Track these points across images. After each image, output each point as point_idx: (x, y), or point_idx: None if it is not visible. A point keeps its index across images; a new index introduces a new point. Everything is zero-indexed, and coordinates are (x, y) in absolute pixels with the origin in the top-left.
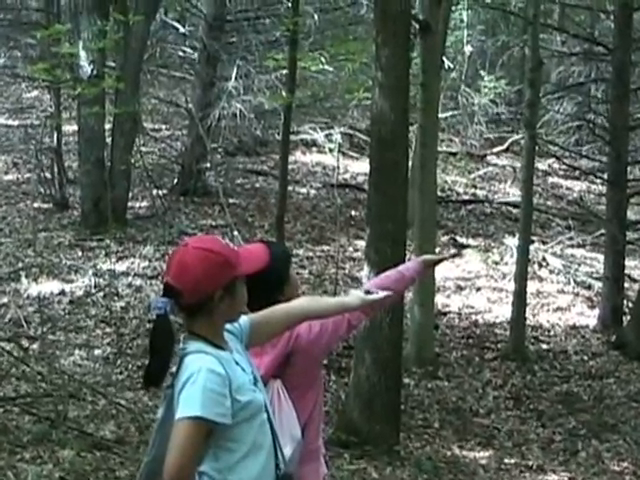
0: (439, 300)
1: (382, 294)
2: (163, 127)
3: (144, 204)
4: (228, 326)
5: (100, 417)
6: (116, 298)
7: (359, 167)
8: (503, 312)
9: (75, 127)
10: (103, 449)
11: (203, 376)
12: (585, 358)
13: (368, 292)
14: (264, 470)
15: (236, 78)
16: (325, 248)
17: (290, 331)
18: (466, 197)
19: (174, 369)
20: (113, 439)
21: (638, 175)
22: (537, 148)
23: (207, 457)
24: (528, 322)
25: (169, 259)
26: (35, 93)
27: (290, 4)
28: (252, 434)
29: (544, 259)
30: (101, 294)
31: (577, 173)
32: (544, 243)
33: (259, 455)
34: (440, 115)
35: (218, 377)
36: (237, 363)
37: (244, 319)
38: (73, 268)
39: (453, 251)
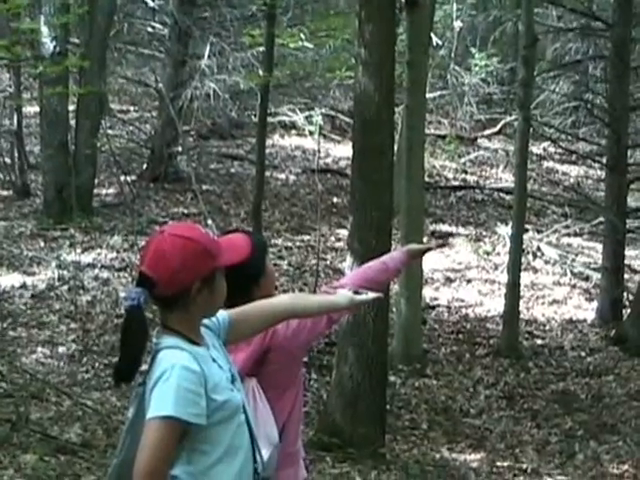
0: (427, 293)
1: (372, 295)
2: (131, 109)
3: (111, 191)
4: (205, 320)
5: (65, 419)
6: (81, 292)
7: (341, 151)
8: (495, 305)
9: (37, 108)
10: (68, 453)
11: (177, 373)
12: (582, 354)
13: (357, 292)
14: (240, 475)
15: (209, 56)
16: (305, 238)
17: None
18: (456, 183)
19: (145, 366)
20: (79, 442)
21: (639, 159)
22: (531, 130)
23: (180, 460)
24: (522, 316)
25: (144, 247)
26: None
27: None
28: (228, 436)
29: (539, 249)
30: (65, 287)
31: (574, 157)
32: (539, 232)
33: (235, 459)
34: (428, 95)
35: (193, 375)
36: (214, 360)
37: (222, 314)
38: (35, 260)
39: (441, 240)
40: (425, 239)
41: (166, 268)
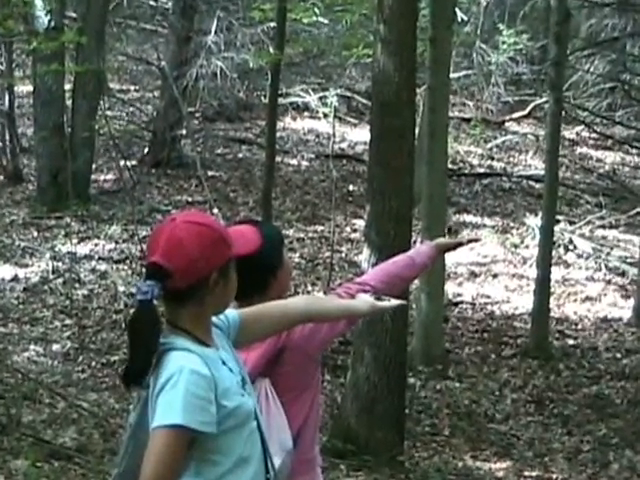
0: (450, 288)
1: (395, 302)
2: (132, 88)
3: (110, 177)
4: (214, 319)
5: (59, 422)
6: (77, 285)
7: (358, 135)
8: (523, 302)
9: (30, 87)
10: (62, 459)
11: (185, 378)
12: (618, 356)
13: (379, 298)
14: None
15: (216, 32)
16: (318, 228)
17: None
18: (481, 170)
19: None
20: (74, 447)
21: None
22: (563, 113)
23: (188, 471)
24: (552, 314)
25: (152, 237)
26: None
27: None
28: (240, 445)
29: (571, 241)
30: (60, 280)
31: (609, 142)
32: (571, 223)
33: (247, 469)
34: (452, 75)
35: (202, 379)
36: (224, 362)
37: (232, 313)
38: (28, 251)
39: (473, 235)
40: (447, 230)
41: (183, 257)
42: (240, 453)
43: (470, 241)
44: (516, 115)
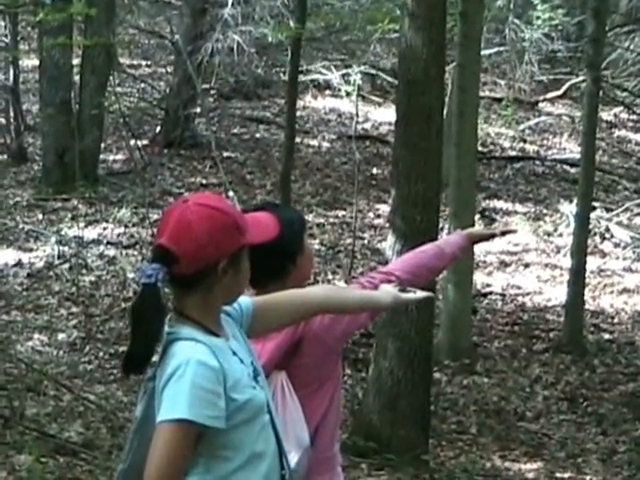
0: (478, 278)
1: (420, 294)
2: (143, 63)
3: (119, 157)
4: (227, 307)
5: (64, 415)
6: (84, 271)
7: (382, 115)
8: (556, 294)
9: (36, 62)
10: (68, 454)
11: (192, 370)
12: None
13: (403, 289)
14: None
15: (233, 4)
16: (340, 213)
17: None
18: (513, 153)
19: (156, 358)
20: (80, 442)
21: None
22: (601, 94)
23: (196, 467)
24: (587, 306)
25: (162, 218)
26: None
27: None
28: (251, 440)
29: (608, 230)
30: (66, 266)
31: None
32: (608, 210)
33: (260, 465)
34: (483, 52)
35: (211, 371)
36: (234, 353)
37: (246, 300)
38: (32, 234)
39: (508, 226)
40: (477, 217)
41: (191, 241)
42: (252, 449)
43: (504, 233)
44: (550, 95)
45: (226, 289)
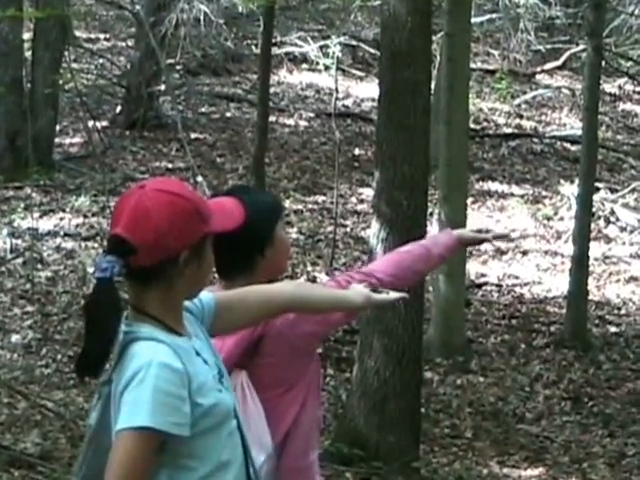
0: (472, 268)
1: (394, 296)
2: (101, 37)
3: (77, 140)
4: (186, 303)
5: (20, 425)
6: (40, 266)
7: (365, 90)
8: (558, 284)
9: None
10: (23, 467)
11: (154, 373)
12: None
13: (375, 290)
14: None
15: None
16: (320, 199)
17: None
18: (508, 130)
19: (112, 360)
20: (37, 454)
21: None
22: (604, 64)
23: (158, 478)
24: (591, 297)
25: (117, 206)
26: None
27: None
28: (217, 448)
29: (613, 213)
30: (20, 261)
31: None
32: (613, 191)
33: (225, 476)
34: (473, 20)
35: (174, 374)
36: (198, 353)
37: (207, 295)
38: None
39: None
40: (470, 200)
41: (149, 230)
42: (218, 457)
43: (497, 238)
44: (548, 66)
45: (188, 282)
